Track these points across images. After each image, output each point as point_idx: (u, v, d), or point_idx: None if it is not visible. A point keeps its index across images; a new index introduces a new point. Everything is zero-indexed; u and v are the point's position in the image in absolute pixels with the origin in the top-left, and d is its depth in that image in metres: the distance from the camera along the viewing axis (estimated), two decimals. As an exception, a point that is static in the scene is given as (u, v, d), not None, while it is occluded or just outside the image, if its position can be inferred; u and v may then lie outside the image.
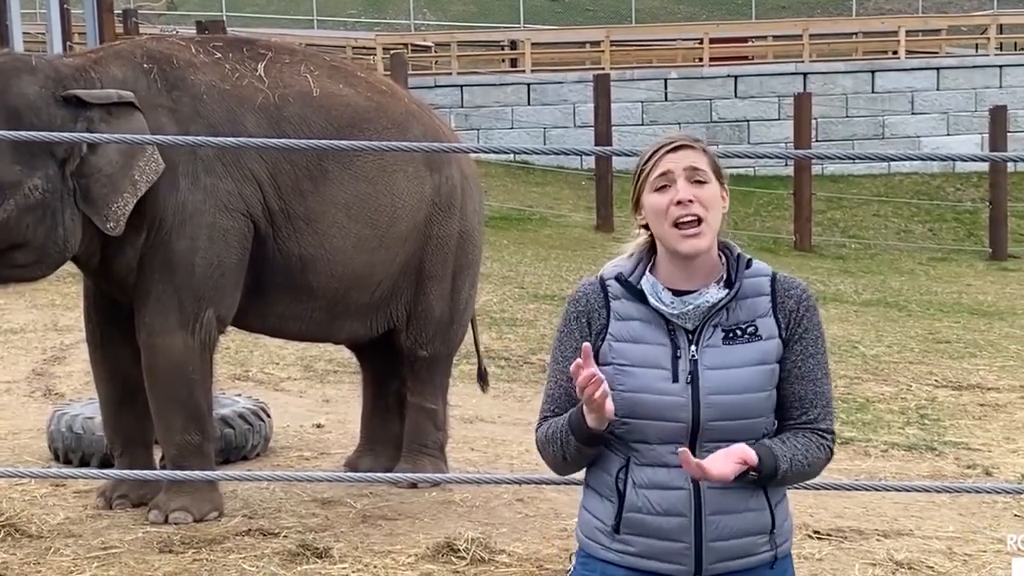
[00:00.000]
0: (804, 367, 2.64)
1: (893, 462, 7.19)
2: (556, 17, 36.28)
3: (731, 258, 2.70)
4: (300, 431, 7.32)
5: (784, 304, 2.66)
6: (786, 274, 2.73)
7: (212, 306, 5.55)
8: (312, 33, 30.21)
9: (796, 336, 2.64)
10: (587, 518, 2.69)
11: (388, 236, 5.88)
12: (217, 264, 5.53)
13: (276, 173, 5.63)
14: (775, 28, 28.75)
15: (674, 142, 2.65)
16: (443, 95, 21.73)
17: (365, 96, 5.96)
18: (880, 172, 22.22)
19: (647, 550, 2.61)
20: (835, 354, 10.49)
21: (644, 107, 22.51)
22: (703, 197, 2.62)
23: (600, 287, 2.68)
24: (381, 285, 5.95)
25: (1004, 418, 8.39)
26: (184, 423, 5.56)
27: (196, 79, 5.59)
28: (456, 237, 6.13)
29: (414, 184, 5.96)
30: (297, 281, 5.74)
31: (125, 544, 5.25)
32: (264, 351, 9.32)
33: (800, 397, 2.64)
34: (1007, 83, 22.82)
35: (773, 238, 18.90)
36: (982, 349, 11.03)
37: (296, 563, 5.00)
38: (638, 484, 2.60)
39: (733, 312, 2.63)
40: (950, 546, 5.46)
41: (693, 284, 2.64)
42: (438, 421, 6.26)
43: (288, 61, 5.89)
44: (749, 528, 2.61)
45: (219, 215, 5.50)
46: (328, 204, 5.72)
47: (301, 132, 5.65)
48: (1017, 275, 17.15)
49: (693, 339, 2.61)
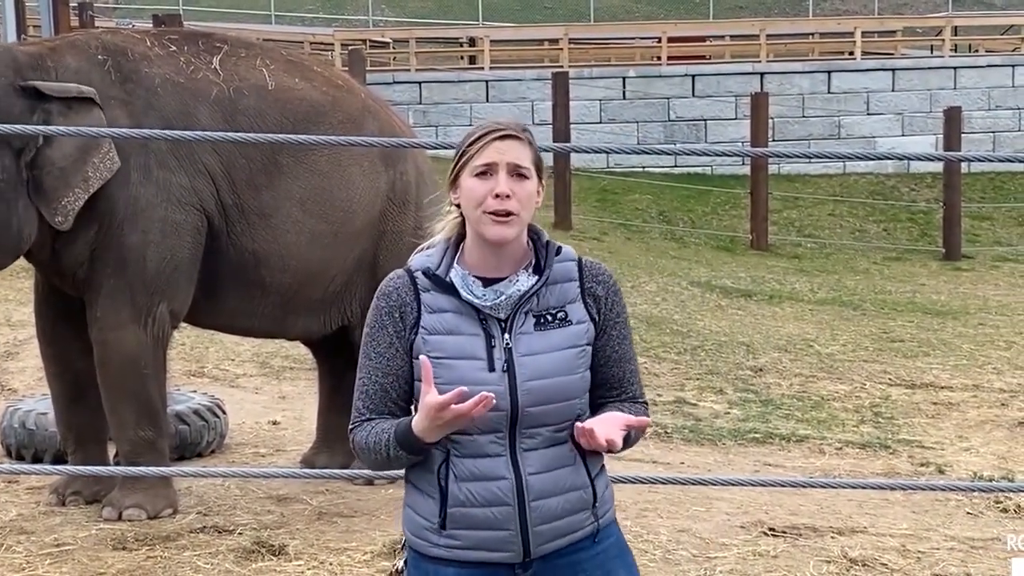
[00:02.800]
0: (620, 350, 2.72)
1: (847, 460, 7.24)
2: (515, 14, 36.28)
3: (539, 244, 2.71)
4: (256, 428, 7.29)
5: (592, 289, 2.70)
6: (590, 259, 2.76)
7: (165, 300, 5.52)
8: (269, 28, 30.05)
9: (610, 322, 2.71)
10: (411, 516, 2.69)
11: (343, 231, 5.85)
12: (170, 258, 5.49)
13: (230, 167, 5.59)
14: (732, 28, 28.87)
15: (502, 130, 2.67)
16: (401, 92, 21.67)
17: (321, 90, 5.94)
18: (836, 172, 22.36)
19: (474, 542, 2.62)
20: (790, 352, 10.57)
21: (602, 105, 22.53)
22: (521, 194, 2.63)
23: (409, 280, 2.68)
24: (335, 281, 5.92)
25: (957, 416, 8.47)
26: (137, 418, 5.52)
27: (150, 72, 5.55)
28: (410, 232, 6.08)
29: (369, 179, 5.94)
30: (250, 276, 5.71)
31: (78, 541, 5.21)
32: (220, 347, 9.27)
33: (619, 379, 2.72)
34: (961, 84, 23.02)
35: (730, 237, 18.98)
36: (935, 348, 11.12)
37: (251, 560, 4.98)
38: (460, 477, 2.62)
39: (543, 298, 2.67)
40: (904, 543, 5.50)
41: (502, 271, 2.66)
42: None
43: (244, 55, 5.86)
44: (572, 507, 2.65)
45: (172, 209, 5.46)
46: (282, 199, 5.69)
47: (256, 126, 5.62)
48: (970, 275, 17.31)
49: (506, 327, 2.63)
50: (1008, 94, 23.13)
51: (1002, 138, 23.01)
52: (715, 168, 22.50)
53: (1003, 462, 7.21)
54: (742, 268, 16.01)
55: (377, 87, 17.80)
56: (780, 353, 10.47)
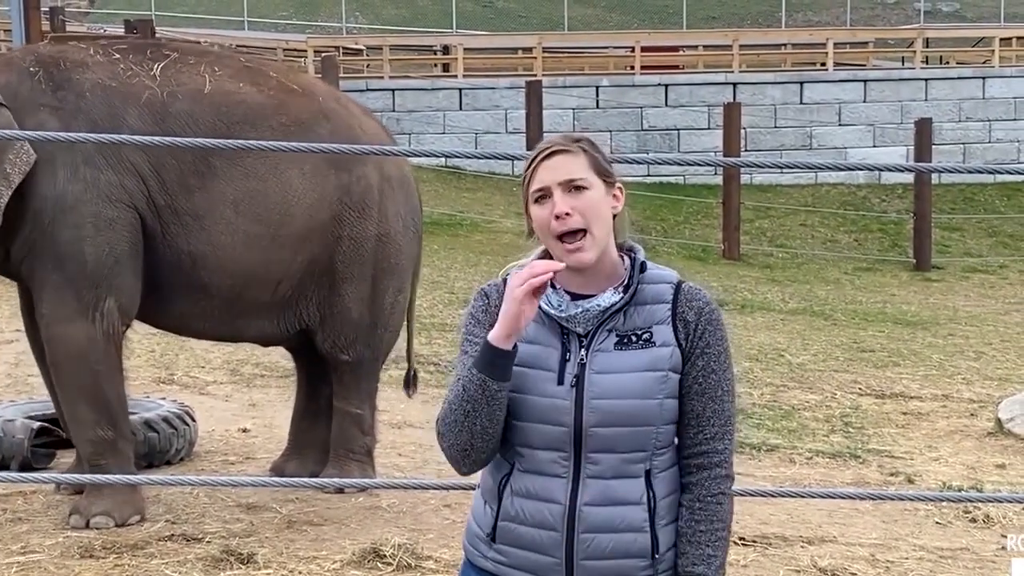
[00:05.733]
0: (705, 383, 2.56)
1: (818, 469, 7.25)
2: (488, 23, 36.33)
3: (634, 263, 2.62)
4: (226, 435, 7.26)
5: (684, 314, 2.57)
6: (693, 284, 2.63)
7: (111, 295, 5.54)
8: (243, 34, 29.99)
9: (698, 351, 2.56)
10: (470, 523, 2.65)
11: (281, 234, 5.81)
12: (109, 252, 5.53)
13: (160, 167, 5.63)
14: (705, 38, 28.99)
15: (548, 147, 2.57)
16: (375, 99, 21.66)
17: (268, 94, 5.91)
18: (807, 182, 22.47)
19: (520, 561, 2.54)
20: (761, 362, 10.60)
21: (576, 114, 22.58)
22: (582, 207, 2.53)
23: (504, 287, 2.60)
24: (282, 284, 5.89)
25: (926, 426, 8.51)
26: (94, 417, 5.53)
27: (82, 78, 5.65)
28: (374, 239, 6.05)
29: (311, 182, 5.88)
30: (191, 279, 5.72)
31: (45, 549, 5.17)
32: (190, 354, 9.23)
33: (698, 414, 2.56)
34: (932, 96, 23.17)
35: (702, 246, 19.03)
36: (905, 358, 11.17)
37: (220, 569, 4.95)
38: (516, 492, 2.55)
39: (630, 318, 2.56)
40: (873, 553, 5.52)
41: (591, 288, 2.58)
42: (364, 426, 6.22)
43: (193, 62, 5.89)
44: (626, 549, 2.50)
45: (103, 205, 5.52)
46: (216, 201, 5.69)
47: (187, 129, 5.64)
48: (940, 286, 17.41)
49: (585, 343, 2.55)
50: (978, 106, 23.29)
51: (972, 150, 23.17)
52: (687, 178, 22.56)
53: (972, 472, 7.24)
54: (714, 278, 16.05)
55: (350, 94, 17.77)
56: (751, 363, 10.50)
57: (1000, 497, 6.32)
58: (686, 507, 2.56)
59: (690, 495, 2.56)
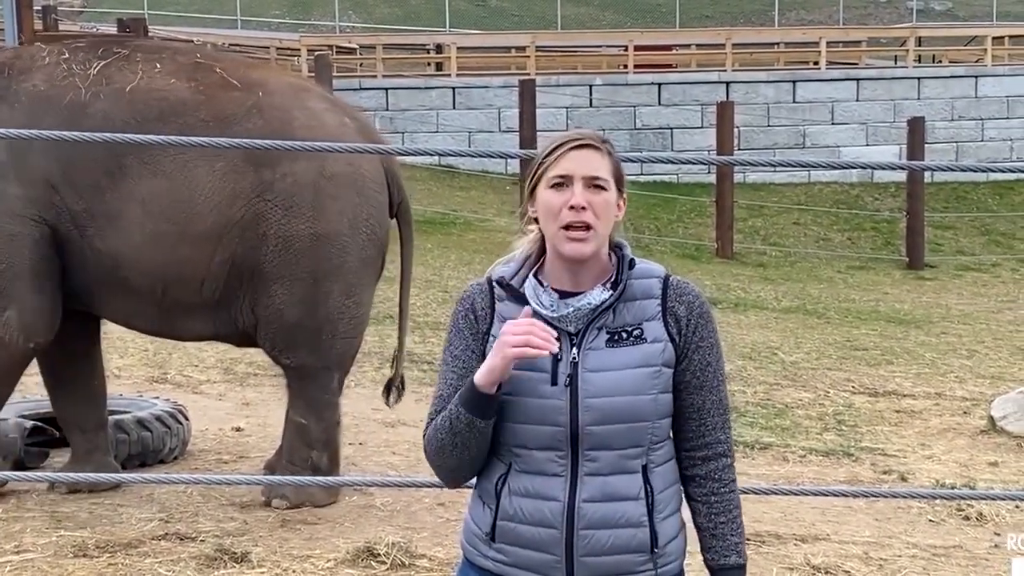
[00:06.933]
0: (703, 377, 2.58)
1: (811, 467, 7.26)
2: (482, 22, 36.33)
3: (622, 259, 2.62)
4: (219, 434, 7.25)
5: (674, 309, 2.58)
6: (680, 278, 2.64)
7: (11, 306, 5.59)
8: (236, 33, 29.97)
9: (692, 346, 2.57)
10: (469, 524, 2.65)
11: (189, 232, 5.68)
12: (8, 266, 5.57)
13: (71, 172, 5.62)
14: (699, 37, 29.04)
15: (580, 139, 2.59)
16: (368, 98, 21.65)
17: (196, 90, 5.80)
18: (800, 181, 22.49)
19: (520, 560, 2.55)
20: (755, 360, 10.61)
21: (569, 113, 22.59)
22: (597, 205, 2.55)
23: (487, 288, 2.63)
24: (207, 284, 5.75)
25: (919, 424, 8.52)
26: None
27: (19, 88, 5.71)
28: (307, 238, 5.75)
29: (222, 180, 5.71)
30: (116, 278, 5.72)
31: (39, 548, 5.17)
32: (183, 353, 9.22)
33: (699, 408, 2.58)
34: (925, 95, 23.21)
35: (695, 245, 19.04)
36: (898, 356, 11.19)
37: (214, 568, 4.95)
38: (514, 491, 2.55)
39: (620, 314, 2.56)
40: (866, 551, 5.53)
41: (580, 286, 2.58)
42: (308, 438, 5.92)
43: (139, 59, 5.85)
44: (625, 545, 2.51)
45: (4, 220, 5.58)
46: (127, 200, 5.66)
47: (101, 128, 5.47)
48: (933, 284, 17.44)
49: (576, 342, 2.54)
50: (971, 105, 23.33)
51: (965, 148, 23.22)
52: (681, 176, 22.58)
53: (965, 470, 7.25)
54: (707, 276, 16.06)
55: (343, 93, 17.75)
56: (745, 361, 10.51)
57: (993, 495, 6.33)
58: (701, 501, 2.61)
59: (702, 488, 2.61)
